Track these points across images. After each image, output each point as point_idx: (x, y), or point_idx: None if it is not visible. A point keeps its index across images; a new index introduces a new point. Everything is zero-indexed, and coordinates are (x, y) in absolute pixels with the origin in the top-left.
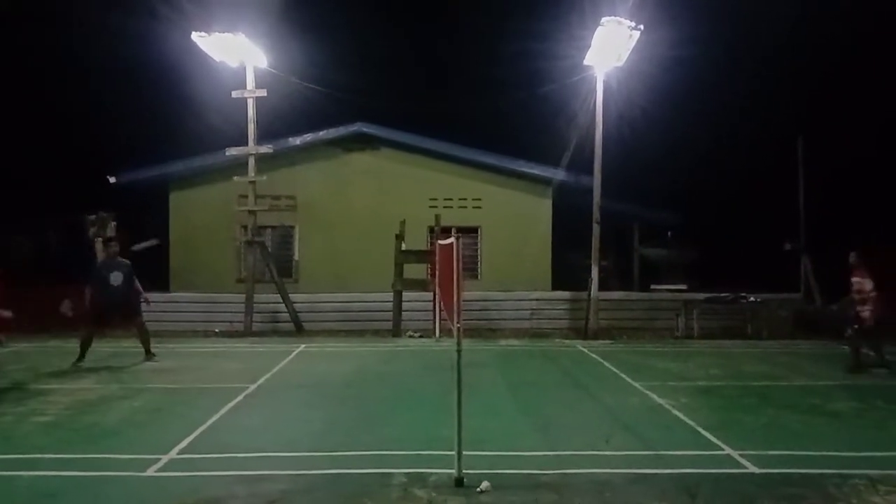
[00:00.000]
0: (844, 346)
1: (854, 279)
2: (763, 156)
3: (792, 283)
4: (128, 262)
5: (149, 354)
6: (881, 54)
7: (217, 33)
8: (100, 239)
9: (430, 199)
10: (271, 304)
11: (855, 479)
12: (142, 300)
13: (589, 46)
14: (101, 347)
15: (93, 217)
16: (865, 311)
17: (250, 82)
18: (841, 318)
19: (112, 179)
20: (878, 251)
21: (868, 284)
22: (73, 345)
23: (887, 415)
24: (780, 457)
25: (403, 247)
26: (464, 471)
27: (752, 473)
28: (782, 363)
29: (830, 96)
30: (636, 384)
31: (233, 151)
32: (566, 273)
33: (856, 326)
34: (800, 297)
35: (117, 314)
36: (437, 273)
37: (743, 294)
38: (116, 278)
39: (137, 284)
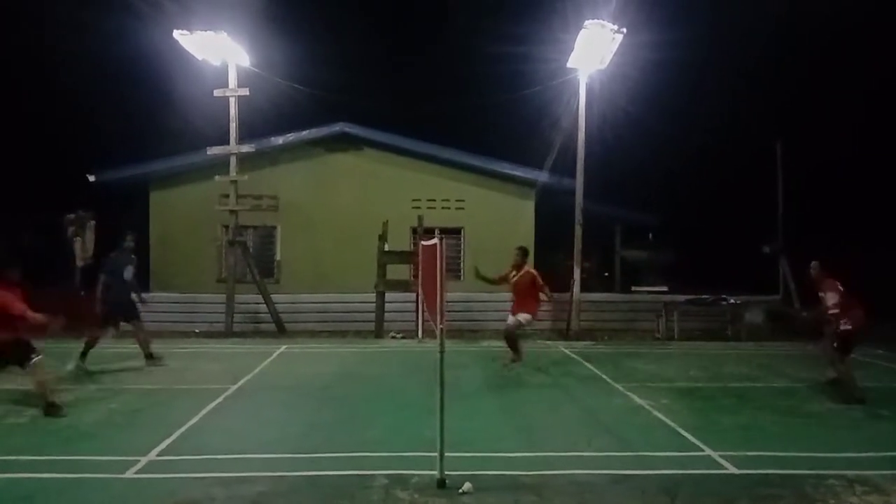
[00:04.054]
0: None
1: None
2: (743, 158)
3: (771, 284)
4: (135, 258)
5: (152, 358)
6: (860, 58)
7: (199, 32)
8: (131, 234)
9: (413, 200)
10: (252, 305)
11: (832, 480)
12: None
13: (572, 49)
14: (75, 348)
15: (71, 216)
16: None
17: (232, 81)
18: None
19: (91, 178)
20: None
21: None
22: (47, 345)
23: (863, 416)
24: (758, 457)
25: (386, 247)
26: (446, 472)
27: (732, 474)
28: (761, 364)
29: (809, 100)
30: (617, 385)
31: (214, 150)
32: (548, 274)
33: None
34: (778, 299)
35: (123, 312)
36: (419, 274)
37: (723, 296)
38: (129, 273)
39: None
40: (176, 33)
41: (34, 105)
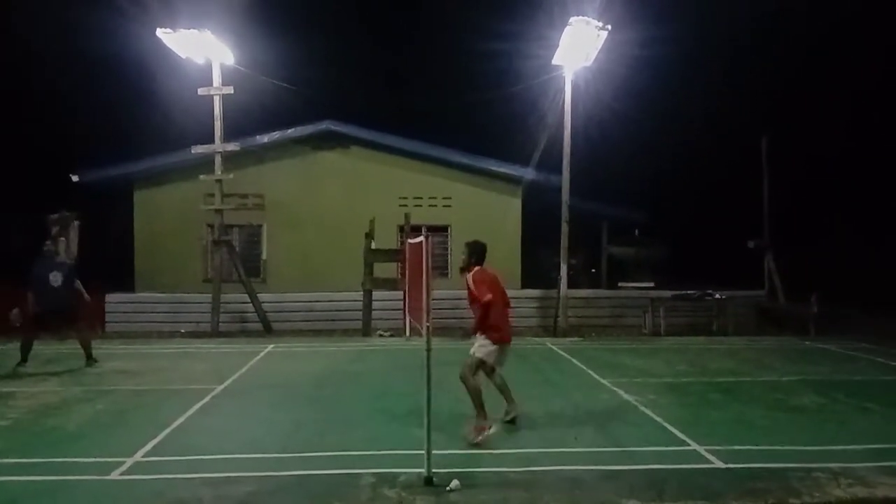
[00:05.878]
0: (807, 342)
1: None
2: (729, 155)
3: (756, 280)
4: (69, 262)
5: (90, 360)
6: (845, 56)
7: (183, 30)
8: (49, 241)
9: (400, 198)
10: (239, 304)
11: (817, 473)
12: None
13: (557, 46)
14: (62, 349)
15: (55, 216)
16: None
17: (216, 79)
18: None
19: (75, 178)
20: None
21: None
22: (38, 348)
23: (848, 409)
24: (745, 452)
25: (373, 246)
26: (433, 470)
27: (718, 468)
28: (747, 359)
29: (795, 97)
30: (605, 381)
31: (199, 149)
32: (536, 271)
33: None
34: (764, 294)
35: (56, 317)
36: (406, 272)
37: (709, 291)
38: (56, 279)
39: (79, 286)
40: (159, 32)
41: (16, 104)
